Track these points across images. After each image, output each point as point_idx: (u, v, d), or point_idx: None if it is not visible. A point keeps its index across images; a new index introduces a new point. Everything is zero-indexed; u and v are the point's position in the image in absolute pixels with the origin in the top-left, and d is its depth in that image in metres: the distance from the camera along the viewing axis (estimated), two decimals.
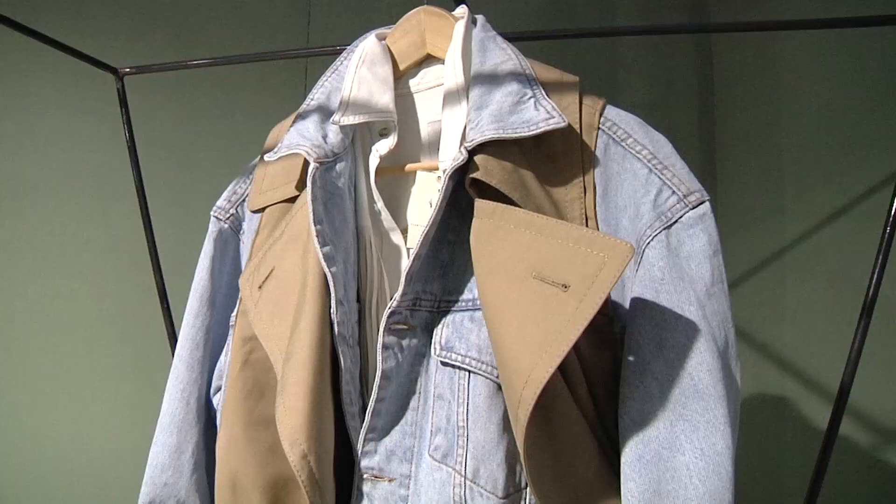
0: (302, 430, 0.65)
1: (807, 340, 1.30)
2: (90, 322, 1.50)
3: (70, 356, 1.50)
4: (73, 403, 1.51)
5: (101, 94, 1.44)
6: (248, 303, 0.76)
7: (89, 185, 1.49)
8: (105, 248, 1.49)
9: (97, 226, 1.49)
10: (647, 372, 0.64)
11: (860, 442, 1.30)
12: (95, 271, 1.49)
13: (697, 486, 0.61)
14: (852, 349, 0.96)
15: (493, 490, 0.66)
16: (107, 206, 1.47)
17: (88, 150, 1.49)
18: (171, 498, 0.84)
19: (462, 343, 0.68)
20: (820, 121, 1.30)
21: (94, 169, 1.49)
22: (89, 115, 1.49)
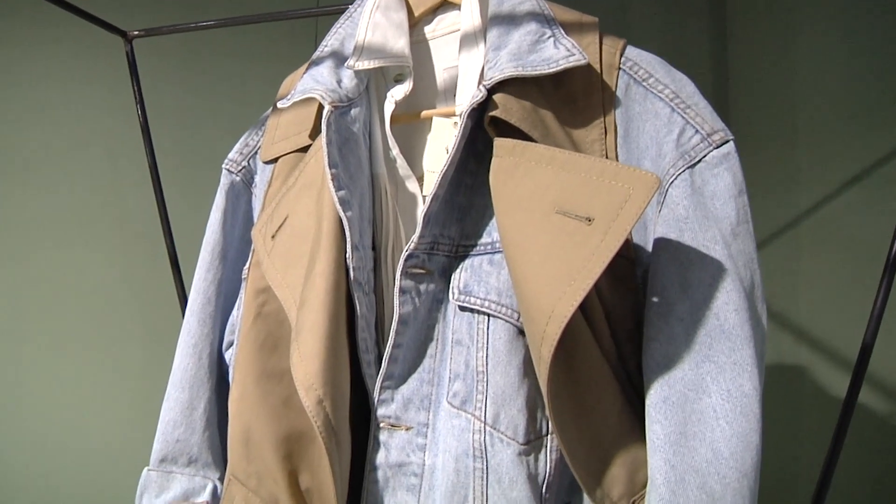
0: (318, 375, 0.64)
1: (823, 310, 1.28)
2: (101, 290, 1.49)
3: (81, 325, 1.49)
4: (84, 374, 1.51)
5: (110, 59, 1.43)
6: (261, 253, 0.75)
7: (99, 152, 1.47)
8: (116, 216, 1.48)
9: (107, 193, 1.48)
10: (671, 313, 0.63)
11: (878, 412, 1.29)
12: (106, 239, 1.48)
13: (724, 428, 0.59)
14: (871, 317, 0.95)
15: (514, 436, 0.64)
16: (117, 172, 1.46)
17: (97, 115, 1.48)
18: (184, 455, 0.82)
19: (481, 287, 0.66)
20: (836, 87, 1.28)
21: (103, 135, 1.48)
22: (98, 80, 1.48)
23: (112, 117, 1.47)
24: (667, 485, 0.59)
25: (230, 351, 0.83)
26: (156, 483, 0.83)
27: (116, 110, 1.45)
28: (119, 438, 1.49)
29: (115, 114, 1.46)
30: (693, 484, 0.59)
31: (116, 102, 1.44)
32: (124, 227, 1.48)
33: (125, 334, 1.50)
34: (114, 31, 1.07)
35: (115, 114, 1.46)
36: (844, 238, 1.26)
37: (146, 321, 1.48)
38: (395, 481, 0.69)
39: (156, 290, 1.44)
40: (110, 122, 1.47)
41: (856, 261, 1.26)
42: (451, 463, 0.66)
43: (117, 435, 1.51)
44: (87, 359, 1.50)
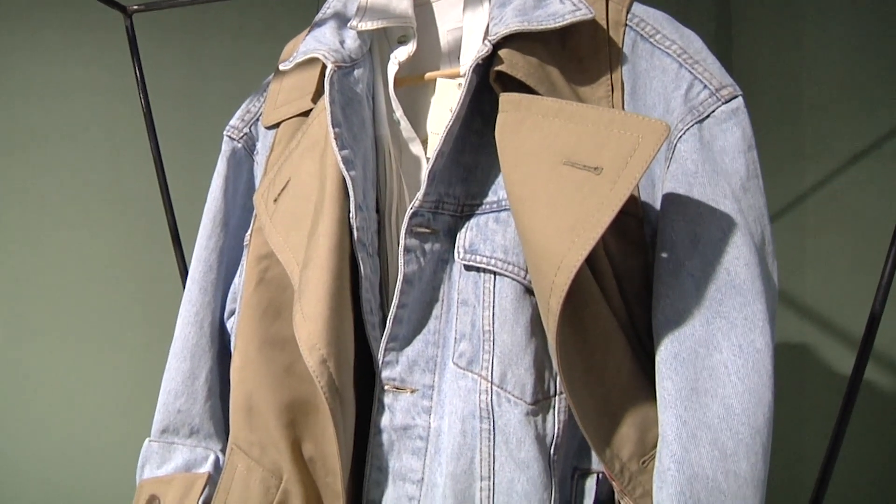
0: (321, 335, 0.63)
1: (829, 287, 1.27)
2: (103, 269, 1.48)
3: (83, 304, 1.48)
4: (86, 351, 1.50)
5: (109, 35, 1.42)
6: (263, 218, 0.74)
7: (99, 128, 1.46)
8: (116, 194, 1.46)
9: (108, 170, 1.46)
10: (681, 268, 0.62)
11: (884, 390, 1.28)
12: (107, 218, 1.47)
13: (736, 384, 0.58)
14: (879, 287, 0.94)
15: (522, 395, 0.63)
16: (117, 149, 1.45)
17: (97, 91, 1.46)
18: (185, 426, 0.81)
19: (487, 245, 0.65)
20: (840, 64, 1.27)
21: (103, 111, 1.46)
22: (97, 57, 1.46)
23: (112, 93, 1.45)
24: (679, 441, 0.58)
25: (232, 319, 0.82)
26: (157, 454, 0.82)
27: (116, 87, 1.44)
28: (120, 415, 1.49)
29: (114, 90, 1.44)
30: (705, 440, 0.58)
31: (116, 79, 1.43)
32: (125, 205, 1.47)
33: (127, 312, 1.49)
34: (113, 5, 1.06)
35: (114, 90, 1.44)
36: (850, 216, 1.25)
37: (148, 299, 1.47)
38: (401, 444, 0.68)
39: (157, 267, 1.43)
40: (110, 97, 1.46)
41: (861, 238, 1.25)
42: (457, 424, 0.65)
43: (118, 412, 1.50)
44: (89, 337, 1.49)
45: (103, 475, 1.51)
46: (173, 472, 0.81)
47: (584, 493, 0.68)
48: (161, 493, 0.80)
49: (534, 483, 0.63)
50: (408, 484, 0.68)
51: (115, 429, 1.49)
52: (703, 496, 0.57)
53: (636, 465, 0.63)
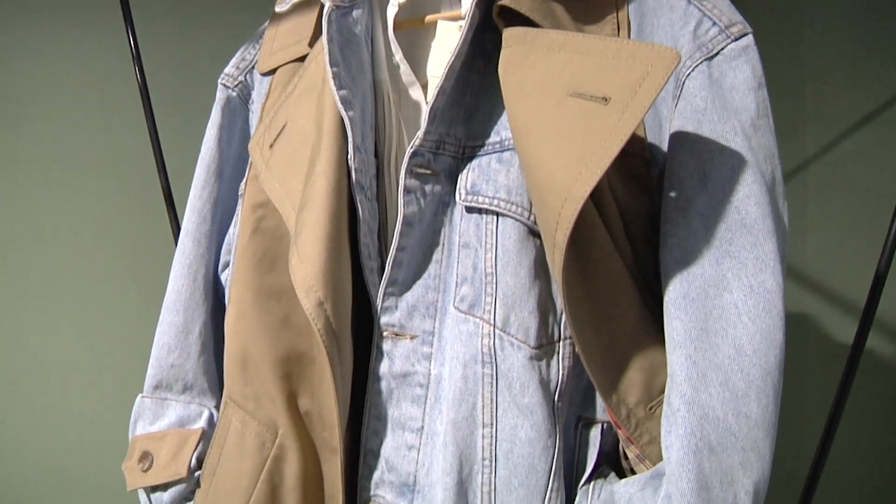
0: (317, 276, 0.61)
1: (830, 256, 1.26)
2: (95, 236, 1.45)
3: (74, 270, 1.46)
4: (77, 319, 1.48)
5: None
6: (259, 165, 0.72)
7: (89, 85, 1.43)
8: (108, 153, 1.43)
9: (99, 129, 1.43)
10: (690, 207, 0.60)
11: (885, 359, 1.27)
12: (99, 185, 1.44)
13: (748, 325, 0.57)
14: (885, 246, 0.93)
15: (525, 339, 0.62)
16: (108, 106, 1.42)
17: (88, 51, 1.43)
18: (178, 381, 0.79)
19: (489, 185, 0.63)
20: (842, 30, 1.26)
21: (94, 71, 1.43)
22: (88, 15, 1.42)
23: (103, 51, 1.41)
24: (688, 381, 0.56)
25: (226, 272, 0.80)
26: (150, 410, 0.80)
27: (107, 44, 1.40)
28: (113, 380, 1.47)
29: (105, 47, 1.41)
30: (715, 381, 0.56)
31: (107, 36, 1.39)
32: (118, 174, 1.44)
33: (120, 273, 1.47)
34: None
35: (105, 47, 1.41)
36: (852, 182, 1.24)
37: (141, 263, 1.45)
38: (400, 392, 0.67)
39: (150, 227, 1.40)
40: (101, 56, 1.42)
41: (863, 207, 1.24)
42: (458, 370, 0.63)
43: (111, 377, 1.48)
44: (82, 299, 1.47)
45: (98, 438, 1.50)
46: (166, 428, 0.79)
47: (589, 443, 0.66)
48: (154, 449, 0.78)
49: (538, 430, 0.62)
50: (407, 433, 0.67)
51: (109, 394, 1.47)
52: (713, 438, 0.56)
53: (643, 412, 0.61)
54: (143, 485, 0.77)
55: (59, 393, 1.49)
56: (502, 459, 0.62)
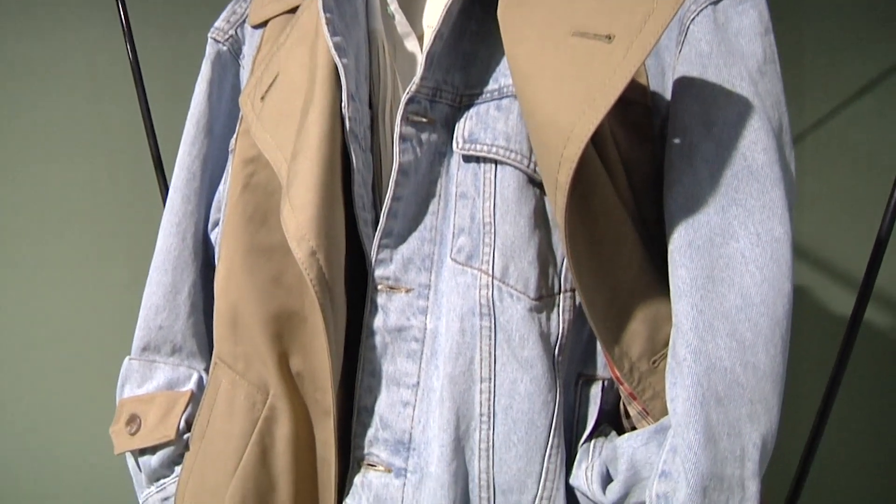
0: (310, 225, 0.59)
1: (829, 228, 1.25)
2: (83, 205, 1.43)
3: (62, 240, 1.43)
4: (69, 283, 1.46)
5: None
6: (250, 118, 0.69)
7: (78, 52, 1.40)
8: (99, 127, 1.40)
9: (88, 98, 1.40)
10: (694, 154, 0.58)
11: (884, 331, 1.26)
12: (88, 152, 1.41)
13: (755, 274, 0.55)
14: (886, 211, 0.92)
15: (525, 290, 0.60)
16: (96, 75, 1.39)
17: (75, 16, 1.40)
18: (167, 343, 0.77)
19: (488, 133, 0.61)
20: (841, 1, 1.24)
21: (82, 36, 1.40)
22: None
23: (91, 11, 1.38)
24: (695, 331, 0.55)
25: (216, 230, 0.78)
26: (138, 373, 0.78)
27: (96, 6, 1.36)
28: (102, 347, 1.43)
29: (94, 9, 1.37)
30: (722, 331, 0.55)
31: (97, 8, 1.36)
32: (107, 130, 1.41)
33: (110, 241, 1.44)
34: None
35: (94, 9, 1.37)
36: (850, 153, 1.23)
37: (131, 230, 1.42)
38: (395, 347, 0.65)
39: (140, 197, 1.37)
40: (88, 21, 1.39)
41: (861, 177, 1.23)
42: (455, 323, 0.61)
43: (101, 344, 1.46)
44: (71, 269, 1.45)
45: (84, 401, 1.49)
46: (154, 390, 0.77)
47: (589, 401, 0.65)
48: (141, 411, 0.76)
49: (538, 384, 0.60)
50: (402, 389, 0.65)
51: (97, 361, 1.45)
52: (720, 388, 0.54)
53: (646, 365, 0.60)
54: (130, 448, 0.76)
55: (45, 357, 1.47)
56: (501, 415, 0.61)
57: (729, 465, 0.54)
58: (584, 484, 0.61)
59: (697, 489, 0.53)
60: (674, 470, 0.55)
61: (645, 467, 0.58)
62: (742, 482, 0.54)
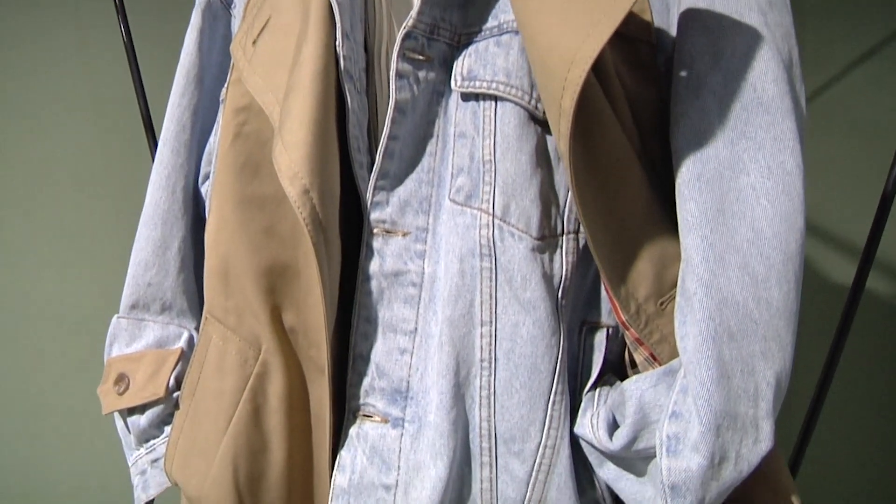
0: (303, 163, 0.56)
1: (830, 197, 1.23)
2: (74, 165, 1.40)
3: (54, 203, 1.41)
4: (60, 262, 1.43)
5: None
6: (241, 64, 0.67)
7: (68, 22, 1.37)
8: (86, 88, 1.37)
9: (77, 61, 1.37)
10: (702, 86, 0.56)
11: (886, 299, 1.24)
12: (76, 112, 1.38)
13: (766, 207, 0.53)
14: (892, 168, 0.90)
15: (527, 229, 0.58)
16: (86, 38, 1.36)
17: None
18: (156, 301, 0.75)
19: (487, 69, 0.59)
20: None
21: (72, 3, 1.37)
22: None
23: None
24: (705, 264, 0.53)
25: (207, 184, 0.76)
26: (126, 331, 0.76)
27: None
28: (91, 304, 1.43)
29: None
30: (734, 264, 0.52)
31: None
32: (96, 92, 1.38)
33: (101, 205, 1.41)
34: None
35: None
36: (852, 120, 1.21)
37: (121, 195, 1.39)
38: (391, 292, 0.62)
39: (130, 159, 1.34)
40: None
41: (864, 143, 1.21)
42: (454, 264, 0.59)
43: (89, 301, 1.45)
44: (61, 231, 1.42)
45: (73, 364, 1.47)
46: (144, 348, 0.75)
47: (593, 349, 0.63)
48: (130, 370, 0.74)
49: (540, 326, 0.58)
50: (399, 335, 0.62)
51: (86, 328, 1.43)
52: (733, 324, 0.52)
53: (653, 307, 0.58)
54: (118, 407, 0.73)
55: (33, 316, 1.45)
56: (502, 360, 0.58)
57: (742, 404, 0.52)
58: (589, 432, 0.59)
59: (711, 427, 0.50)
60: (685, 410, 0.53)
61: (654, 410, 0.55)
62: (756, 422, 0.52)
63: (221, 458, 0.66)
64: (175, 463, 0.71)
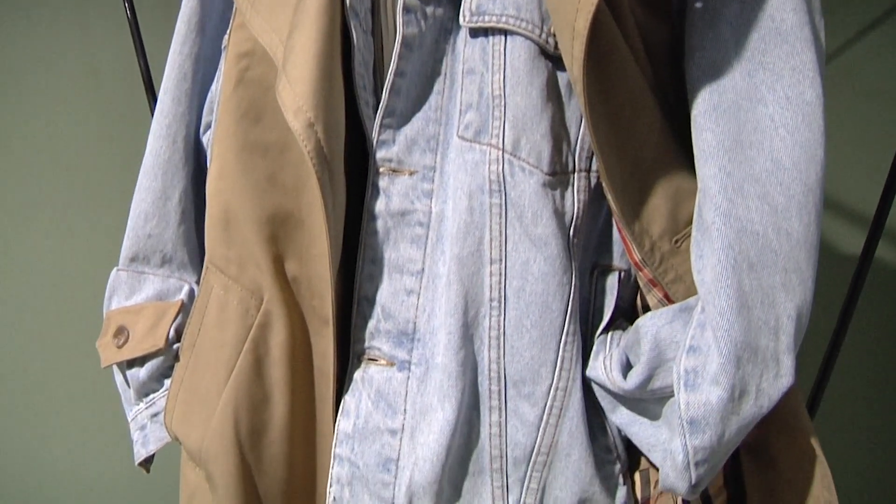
0: (307, 97, 0.55)
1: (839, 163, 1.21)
2: (72, 126, 1.37)
3: (51, 165, 1.39)
4: (54, 212, 1.41)
5: None
6: (244, 7, 0.65)
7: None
8: (86, 50, 1.35)
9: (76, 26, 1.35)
10: (718, 16, 0.55)
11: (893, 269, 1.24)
12: (71, 67, 1.35)
13: (785, 138, 0.51)
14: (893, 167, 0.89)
15: (538, 163, 0.56)
16: (86, 9, 1.34)
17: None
18: (157, 253, 0.73)
19: (497, 4, 0.57)
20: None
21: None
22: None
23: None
24: (723, 193, 0.51)
25: (208, 134, 0.74)
26: (126, 284, 0.74)
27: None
28: (90, 263, 1.40)
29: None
30: (753, 194, 0.51)
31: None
32: (94, 53, 1.36)
33: (101, 165, 1.39)
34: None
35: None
36: (863, 87, 1.20)
37: (121, 156, 1.37)
38: (397, 232, 0.61)
39: (130, 120, 1.32)
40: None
41: (872, 113, 1.19)
42: (463, 201, 0.57)
43: (87, 259, 1.43)
44: (59, 193, 1.40)
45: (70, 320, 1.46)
46: (144, 301, 0.73)
47: (605, 292, 0.61)
48: (129, 323, 0.72)
49: (552, 264, 0.56)
50: (406, 276, 0.61)
51: (84, 273, 1.42)
52: (752, 254, 0.50)
53: (668, 245, 0.56)
54: (117, 360, 0.71)
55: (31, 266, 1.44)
56: (513, 298, 0.57)
57: (763, 336, 0.50)
58: (602, 374, 0.57)
59: (731, 359, 0.49)
60: (703, 344, 0.51)
61: (670, 347, 0.54)
62: (777, 356, 0.50)
63: (222, 411, 0.65)
64: (175, 416, 0.69)
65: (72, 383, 1.50)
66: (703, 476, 0.51)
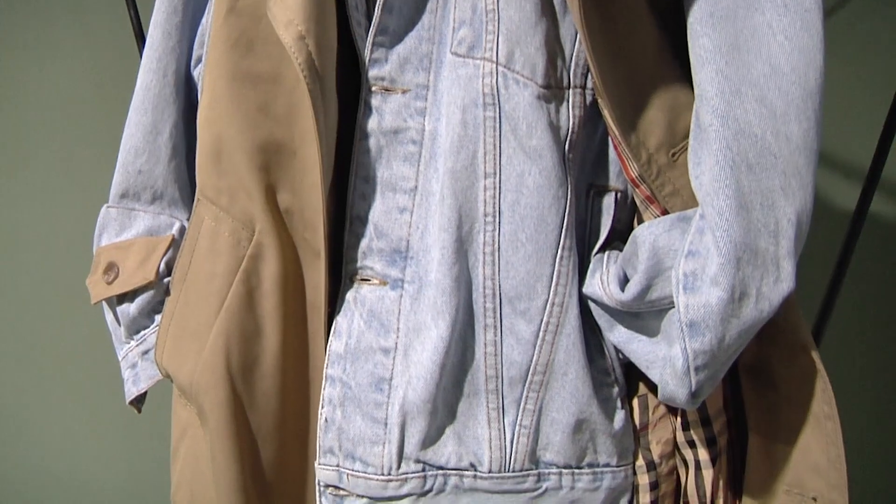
0: (299, 10, 0.54)
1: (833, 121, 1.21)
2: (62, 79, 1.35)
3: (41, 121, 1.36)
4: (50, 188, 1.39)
5: None
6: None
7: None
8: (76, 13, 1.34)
9: None
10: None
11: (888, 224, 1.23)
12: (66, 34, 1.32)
13: (783, 43, 0.50)
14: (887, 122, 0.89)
15: (532, 76, 0.55)
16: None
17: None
18: (147, 189, 0.72)
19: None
20: None
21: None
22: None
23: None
24: (720, 95, 0.50)
25: (199, 67, 0.73)
26: (116, 221, 0.73)
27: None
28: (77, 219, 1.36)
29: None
30: (751, 97, 0.50)
31: None
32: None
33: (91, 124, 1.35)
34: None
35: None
36: (856, 48, 1.19)
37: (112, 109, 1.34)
38: (390, 150, 0.60)
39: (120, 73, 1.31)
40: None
41: (869, 70, 1.19)
42: (456, 115, 0.56)
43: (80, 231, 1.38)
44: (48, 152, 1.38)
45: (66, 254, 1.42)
46: (134, 237, 0.72)
47: (602, 212, 0.60)
48: (119, 259, 0.71)
49: (547, 176, 0.55)
50: (399, 194, 0.60)
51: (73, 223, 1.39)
52: (751, 155, 0.49)
53: (665, 157, 0.55)
54: (107, 295, 0.70)
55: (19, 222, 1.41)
56: (507, 212, 0.56)
57: (763, 239, 0.49)
58: (599, 289, 0.56)
59: (730, 259, 0.48)
60: (702, 248, 0.50)
61: (668, 255, 0.53)
62: (777, 260, 0.50)
63: (213, 343, 0.63)
64: (166, 351, 0.68)
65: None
66: (702, 383, 0.51)
